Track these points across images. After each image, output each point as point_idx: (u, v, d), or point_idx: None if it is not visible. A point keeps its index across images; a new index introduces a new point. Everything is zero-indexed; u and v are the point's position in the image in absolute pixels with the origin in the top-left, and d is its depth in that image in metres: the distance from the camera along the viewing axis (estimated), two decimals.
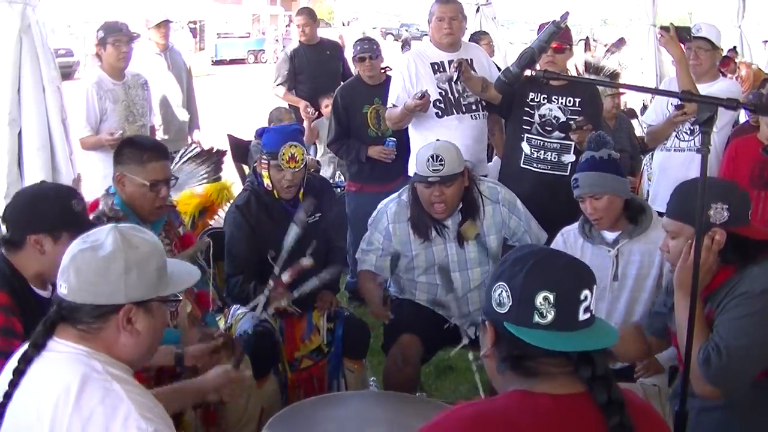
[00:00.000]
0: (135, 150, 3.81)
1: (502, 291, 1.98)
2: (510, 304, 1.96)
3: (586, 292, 1.95)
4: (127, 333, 2.26)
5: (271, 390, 4.30)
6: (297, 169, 4.31)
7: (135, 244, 2.29)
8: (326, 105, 7.73)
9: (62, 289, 2.26)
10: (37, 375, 2.20)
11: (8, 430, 2.20)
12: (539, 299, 1.92)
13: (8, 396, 2.21)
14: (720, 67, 8.84)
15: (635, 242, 3.98)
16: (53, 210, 3.06)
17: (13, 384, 2.21)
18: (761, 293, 2.80)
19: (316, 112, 7.74)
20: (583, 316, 1.94)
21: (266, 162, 4.34)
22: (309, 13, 8.44)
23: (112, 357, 2.26)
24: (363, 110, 6.28)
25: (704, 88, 5.15)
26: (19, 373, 2.21)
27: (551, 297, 1.92)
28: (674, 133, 5.55)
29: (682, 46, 5.28)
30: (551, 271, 1.97)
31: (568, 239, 4.20)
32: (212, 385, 3.08)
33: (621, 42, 8.86)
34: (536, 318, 1.92)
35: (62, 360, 2.21)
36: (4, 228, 3.20)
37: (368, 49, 6.33)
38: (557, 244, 4.23)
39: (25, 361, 2.23)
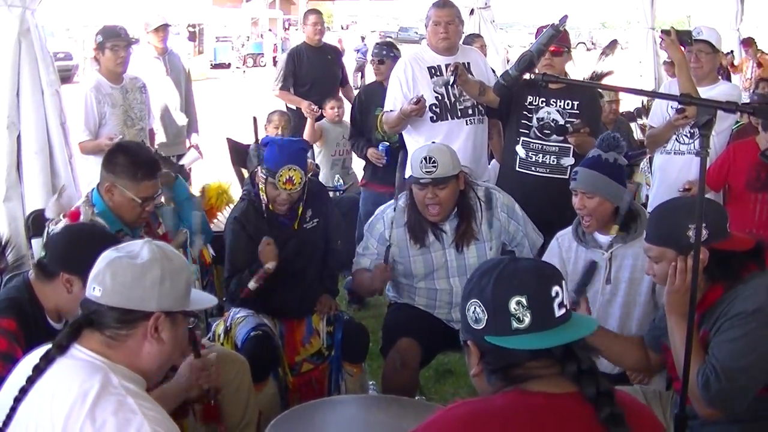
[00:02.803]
0: (129, 164, 3.84)
1: (475, 307, 2.01)
2: (486, 317, 1.99)
3: (557, 288, 1.98)
4: (152, 341, 2.32)
5: (270, 394, 4.30)
6: (293, 191, 4.30)
7: (170, 257, 2.38)
8: (331, 107, 7.78)
9: (95, 292, 2.30)
10: (55, 378, 2.23)
11: (20, 426, 2.22)
12: (513, 305, 1.95)
13: (24, 391, 2.24)
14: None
15: (629, 246, 3.98)
16: (94, 257, 3.08)
17: (31, 380, 2.24)
18: (754, 312, 2.79)
19: (320, 111, 7.73)
20: (559, 312, 1.97)
21: (264, 177, 4.34)
22: (321, 15, 8.60)
23: (132, 367, 2.30)
24: (375, 112, 6.43)
25: (705, 92, 5.16)
26: (39, 370, 2.25)
27: (524, 300, 1.95)
28: (674, 136, 5.55)
29: (683, 49, 5.28)
30: (517, 275, 1.99)
31: (563, 243, 4.21)
32: (184, 384, 3.16)
33: (613, 44, 8.85)
34: (514, 324, 1.95)
35: (80, 367, 2.24)
36: (42, 253, 3.23)
37: (377, 53, 6.80)
38: (552, 249, 4.25)
39: (47, 361, 2.26)
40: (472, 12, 9.12)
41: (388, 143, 6.37)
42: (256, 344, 4.22)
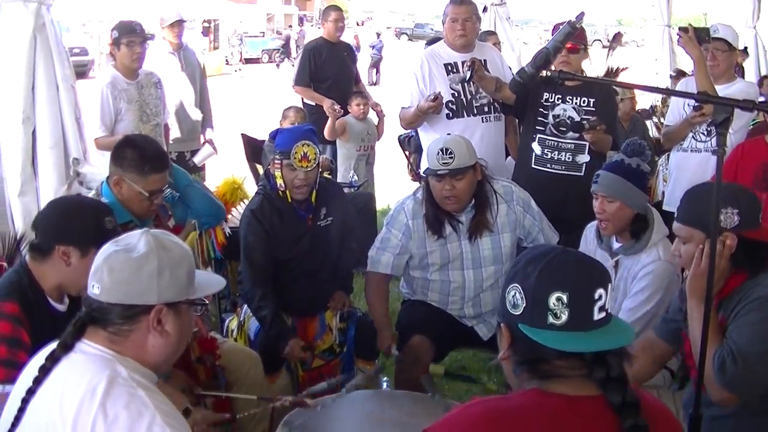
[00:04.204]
0: (137, 158, 3.84)
1: (515, 293, 1.97)
2: (524, 305, 1.95)
3: (600, 290, 1.93)
4: (156, 334, 2.30)
5: (283, 385, 4.31)
6: (309, 169, 4.30)
7: (168, 247, 2.34)
8: (357, 104, 7.84)
9: (94, 290, 2.28)
10: (63, 374, 2.22)
11: (30, 425, 2.22)
12: (552, 300, 1.91)
13: (31, 392, 2.23)
14: None
15: (628, 259, 4.00)
16: (86, 224, 3.08)
17: (38, 381, 2.23)
18: None
19: (342, 110, 7.74)
20: (598, 316, 1.93)
21: (279, 162, 4.34)
22: (342, 11, 8.59)
23: (140, 361, 2.29)
24: None
25: (722, 90, 5.13)
26: (45, 370, 2.23)
27: (564, 297, 1.90)
28: (691, 134, 5.53)
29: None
30: (563, 271, 1.95)
31: (588, 236, 4.27)
32: None
33: (617, 36, 8.79)
34: (550, 319, 1.91)
35: (89, 361, 2.23)
36: (33, 235, 3.22)
37: None
38: (583, 236, 4.31)
39: (52, 360, 2.25)
40: (485, 9, 9.09)
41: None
42: (264, 336, 4.23)
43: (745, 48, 10.62)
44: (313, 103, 8.02)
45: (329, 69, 8.14)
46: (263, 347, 4.17)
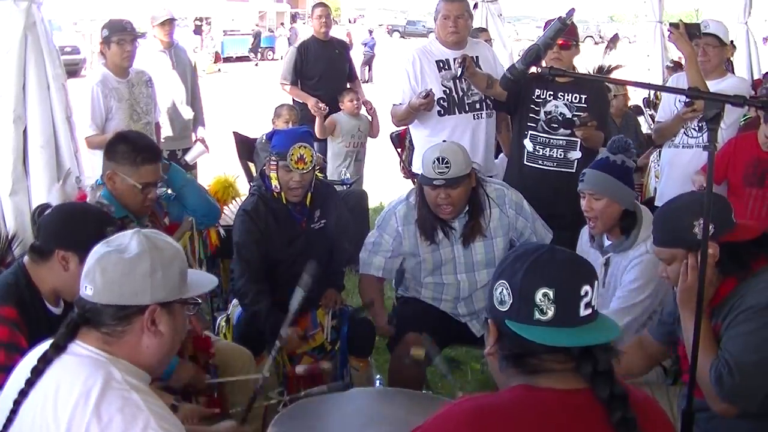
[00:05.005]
0: (129, 150, 3.85)
1: (503, 289, 1.99)
2: (511, 301, 1.97)
3: (587, 287, 1.94)
4: (150, 334, 2.29)
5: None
6: (305, 171, 4.30)
7: (160, 247, 2.33)
8: (350, 99, 7.81)
9: (87, 291, 2.28)
10: (56, 376, 2.20)
11: (22, 427, 2.20)
12: (539, 296, 1.92)
13: (24, 394, 2.21)
14: None
15: (618, 256, 4.00)
16: (89, 232, 3.05)
17: (30, 383, 2.22)
18: (767, 307, 2.78)
19: (327, 108, 7.72)
20: (584, 312, 1.94)
21: (275, 163, 4.34)
22: (328, 8, 8.54)
23: (133, 362, 2.28)
24: None
25: (713, 85, 5.14)
26: (37, 372, 2.22)
27: (551, 293, 1.92)
28: (683, 130, 5.53)
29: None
30: (550, 267, 1.96)
31: (583, 236, 4.27)
32: None
33: (615, 38, 8.83)
34: (537, 315, 1.93)
35: (82, 364, 2.21)
36: (26, 235, 3.21)
37: None
38: (579, 239, 4.32)
39: (45, 362, 2.23)
40: (476, 5, 9.09)
41: None
42: (247, 319, 4.27)
43: (732, 42, 10.66)
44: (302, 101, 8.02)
45: (317, 67, 8.15)
46: (244, 330, 4.16)
